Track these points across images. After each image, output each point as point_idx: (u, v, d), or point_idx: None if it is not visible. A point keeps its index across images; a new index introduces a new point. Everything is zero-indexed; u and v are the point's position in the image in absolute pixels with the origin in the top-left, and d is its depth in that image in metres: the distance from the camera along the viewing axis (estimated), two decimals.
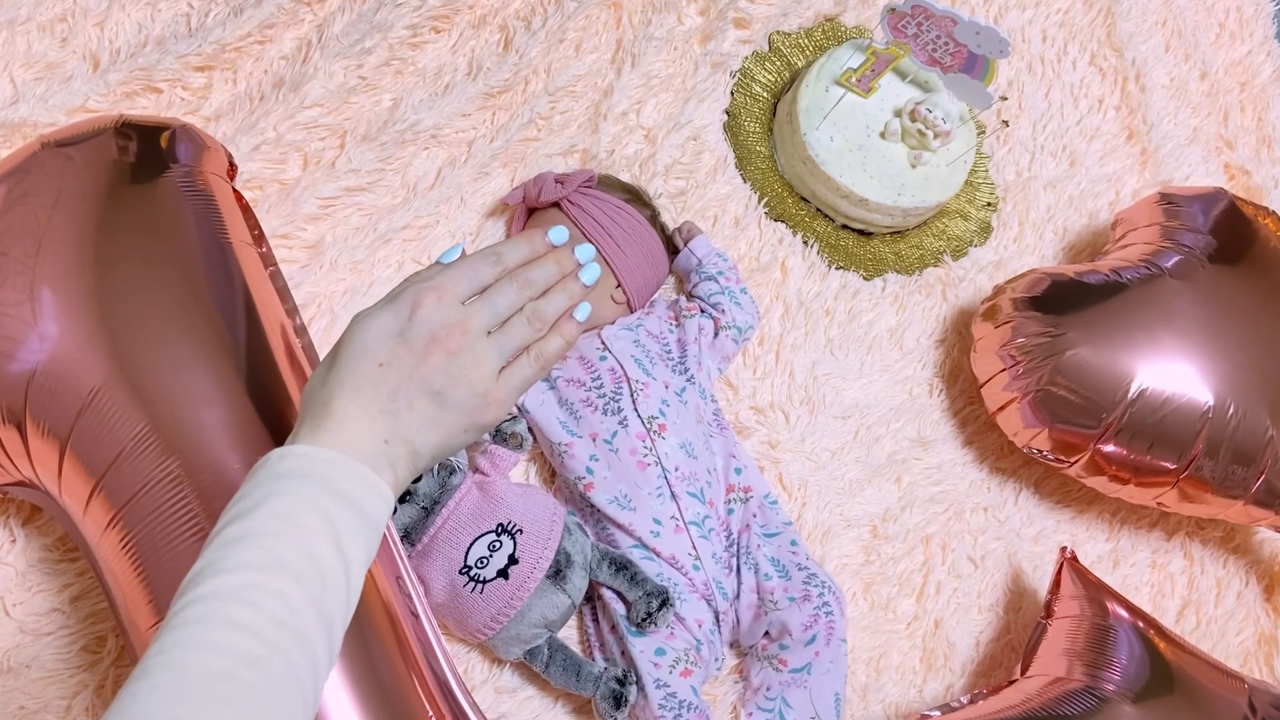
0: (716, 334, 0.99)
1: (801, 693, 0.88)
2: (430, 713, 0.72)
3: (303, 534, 0.50)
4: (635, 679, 0.84)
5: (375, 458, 0.55)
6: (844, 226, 1.14)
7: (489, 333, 0.59)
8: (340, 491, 0.52)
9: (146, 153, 0.78)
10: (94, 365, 0.70)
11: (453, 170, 1.02)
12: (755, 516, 0.94)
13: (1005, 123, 1.21)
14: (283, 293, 0.81)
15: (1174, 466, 0.97)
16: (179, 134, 0.80)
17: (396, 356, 0.56)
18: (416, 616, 0.76)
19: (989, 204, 1.21)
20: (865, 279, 1.12)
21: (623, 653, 0.85)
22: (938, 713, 0.87)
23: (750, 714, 0.89)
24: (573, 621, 0.91)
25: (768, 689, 0.89)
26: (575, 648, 0.90)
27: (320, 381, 0.57)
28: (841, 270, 1.12)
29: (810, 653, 0.88)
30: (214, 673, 0.45)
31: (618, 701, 0.84)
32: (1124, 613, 0.92)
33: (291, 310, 0.80)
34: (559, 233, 0.65)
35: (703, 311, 1.00)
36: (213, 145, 0.82)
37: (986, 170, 1.22)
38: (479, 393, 0.58)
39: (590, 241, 0.93)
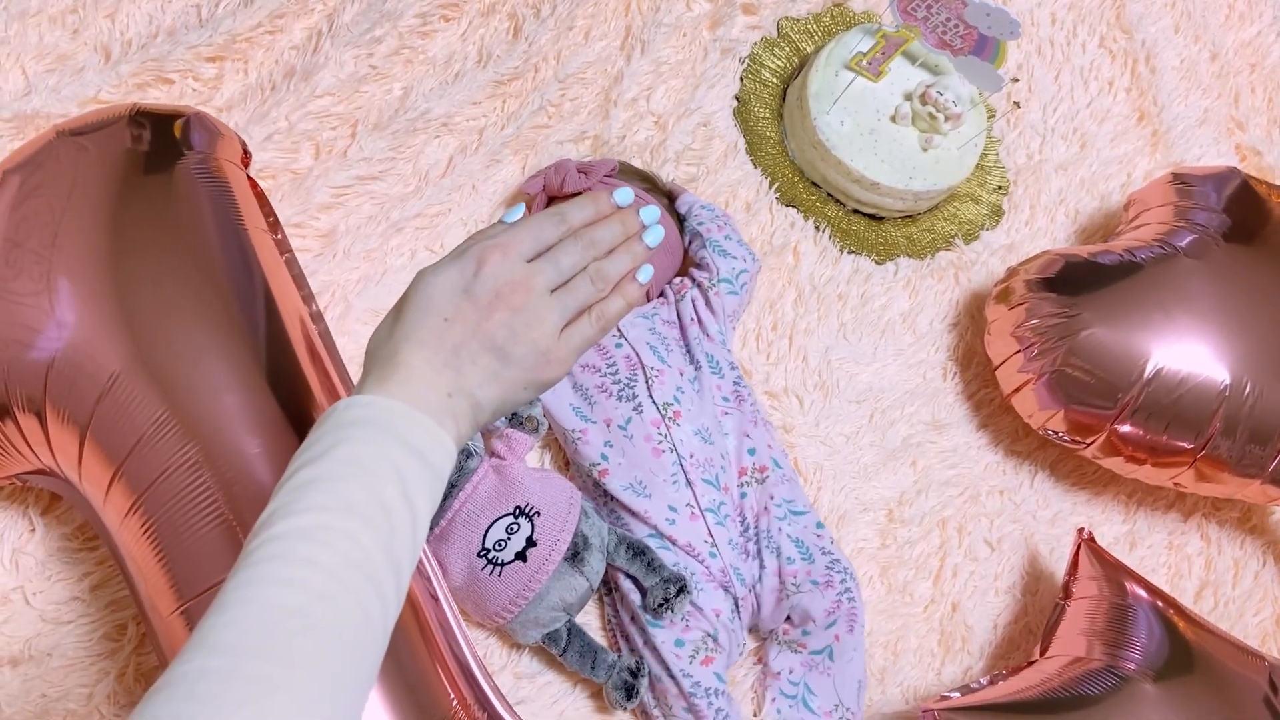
0: (708, 299, 0.99)
1: (825, 679, 0.88)
2: (453, 696, 0.72)
3: (371, 479, 0.51)
4: (649, 670, 0.84)
5: (439, 410, 0.55)
6: (855, 211, 1.14)
7: (552, 291, 0.59)
8: (406, 440, 0.53)
9: (160, 141, 0.78)
10: (113, 352, 0.70)
11: (464, 158, 1.02)
12: (773, 498, 0.93)
13: (1016, 104, 1.21)
14: (299, 279, 0.81)
15: (1191, 446, 0.97)
16: (193, 121, 0.80)
17: (461, 311, 0.57)
18: (436, 600, 0.76)
19: (1000, 187, 1.20)
20: (877, 263, 1.12)
21: (645, 643, 0.85)
22: (957, 694, 0.87)
23: (774, 699, 0.89)
24: (593, 608, 0.91)
25: (790, 672, 0.89)
26: (596, 634, 0.90)
27: (386, 335, 0.58)
28: (853, 255, 1.12)
29: (831, 635, 0.88)
30: (289, 608, 0.45)
31: (629, 692, 0.85)
32: (1143, 592, 0.92)
33: (308, 297, 0.80)
34: (624, 194, 0.64)
35: (694, 283, 1.00)
36: (226, 132, 0.82)
37: (997, 153, 1.22)
38: (540, 350, 0.58)
39: None
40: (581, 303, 0.61)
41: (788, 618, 0.90)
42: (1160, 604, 0.91)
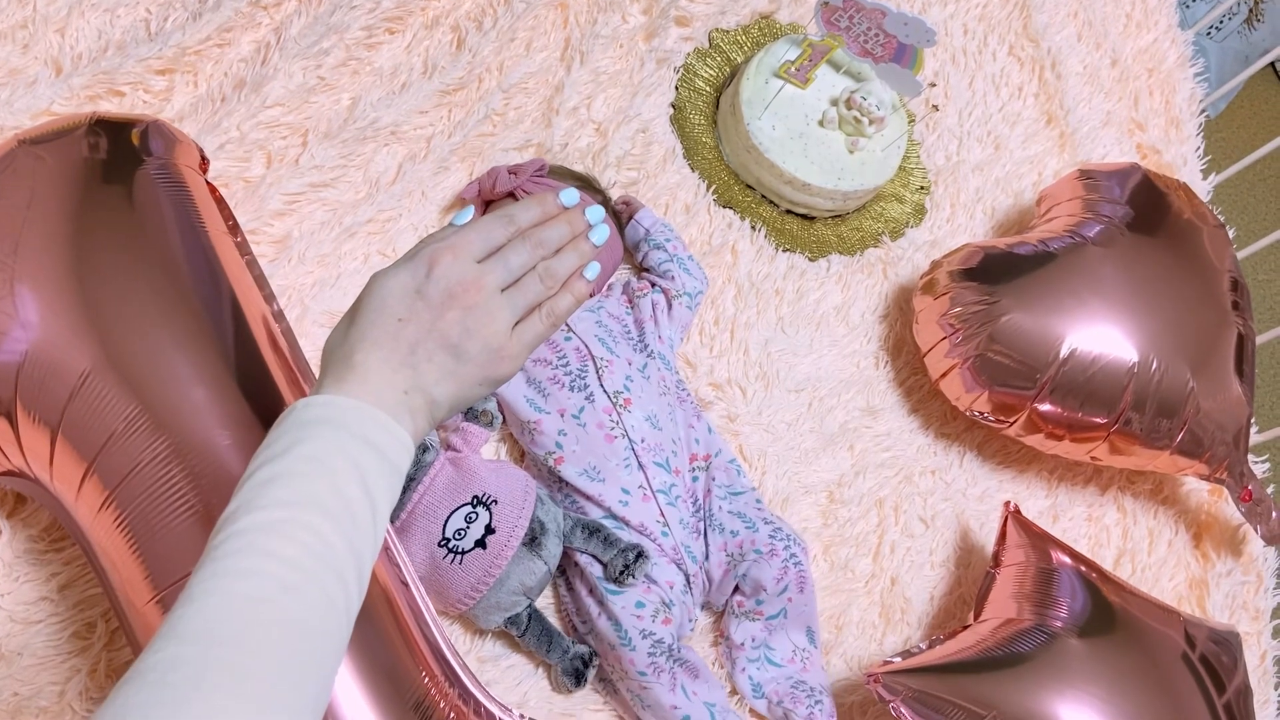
0: (670, 306, 1.04)
1: (779, 635, 0.94)
2: (425, 674, 0.74)
3: (332, 475, 0.52)
4: (611, 643, 0.88)
5: (396, 408, 0.57)
6: (788, 212, 1.20)
7: (503, 290, 0.61)
8: (364, 437, 0.54)
9: (119, 148, 0.80)
10: (81, 353, 0.71)
11: (413, 165, 1.06)
12: (715, 479, 0.98)
13: (935, 107, 1.28)
14: (260, 280, 0.83)
15: (1105, 421, 1.04)
16: (151, 130, 0.82)
17: (415, 312, 0.58)
18: (406, 585, 0.79)
19: (922, 188, 1.27)
20: (810, 260, 1.18)
21: (602, 613, 0.89)
22: (898, 659, 0.93)
23: (742, 669, 0.94)
24: (548, 594, 0.95)
25: (752, 640, 0.94)
26: (553, 618, 0.93)
27: (341, 337, 0.59)
28: (788, 252, 1.17)
29: (784, 599, 0.93)
30: (255, 597, 0.47)
31: (578, 678, 0.89)
32: (1066, 558, 0.99)
33: (269, 297, 0.83)
34: (570, 195, 0.66)
35: (654, 286, 1.05)
36: (184, 139, 0.84)
37: (918, 156, 1.29)
38: (493, 347, 0.60)
39: None
40: (531, 300, 0.63)
41: (739, 589, 0.95)
42: (1083, 568, 0.98)
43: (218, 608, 0.47)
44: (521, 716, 0.78)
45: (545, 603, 0.94)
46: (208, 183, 0.84)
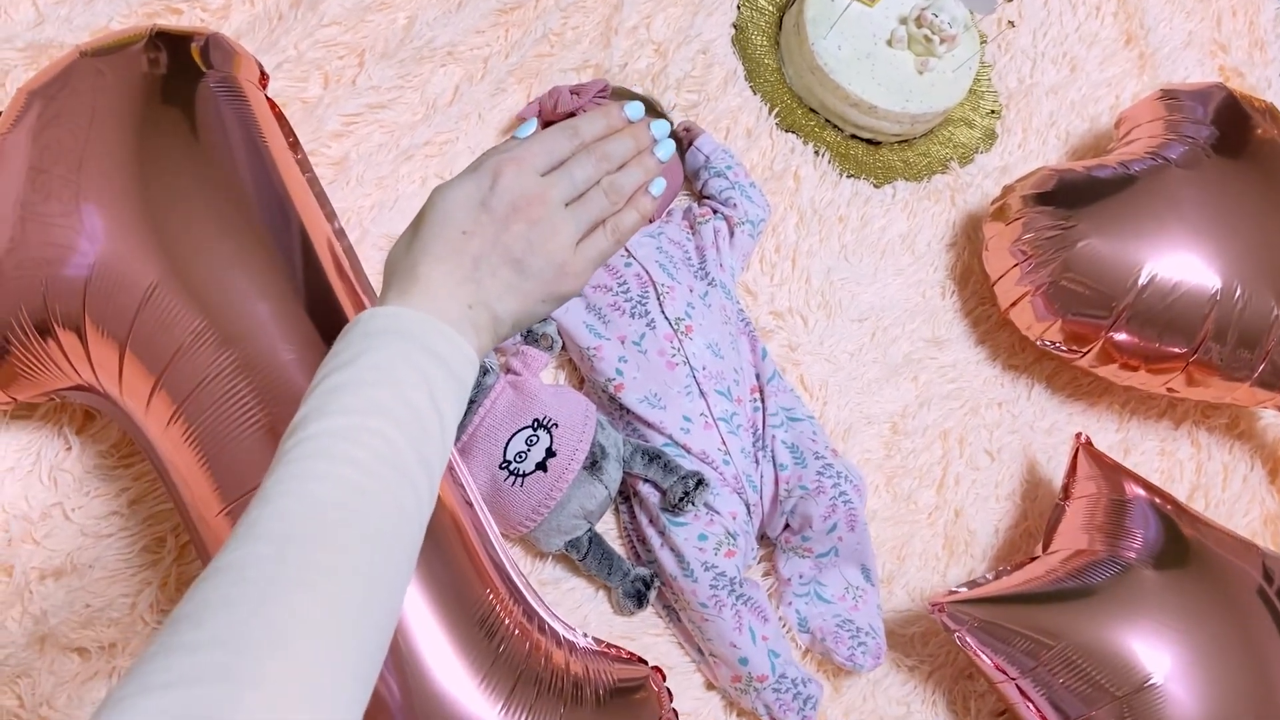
0: (732, 233, 1.02)
1: (832, 572, 0.92)
2: (489, 591, 0.74)
3: (399, 384, 0.51)
4: (673, 574, 0.88)
5: (460, 321, 0.56)
6: (853, 136, 1.16)
7: (567, 205, 0.59)
8: (430, 348, 0.53)
9: (179, 62, 0.79)
10: (148, 266, 0.71)
11: (470, 87, 1.04)
12: (774, 399, 0.96)
13: (1011, 23, 1.23)
14: (320, 198, 0.82)
15: (1183, 351, 1.00)
16: (211, 43, 0.81)
17: (479, 224, 0.57)
18: (470, 505, 0.78)
19: (993, 111, 1.23)
20: (875, 186, 1.15)
21: (664, 544, 0.88)
22: (964, 589, 0.91)
23: (789, 603, 0.93)
24: (610, 519, 0.94)
25: (800, 576, 0.93)
26: (614, 544, 0.93)
27: (404, 250, 0.58)
28: (852, 178, 1.14)
29: (834, 538, 0.91)
30: (330, 499, 0.47)
31: (639, 600, 0.89)
32: (1140, 490, 0.96)
33: (330, 215, 0.82)
34: (635, 108, 0.64)
35: (715, 213, 1.02)
36: (243, 53, 0.83)
37: (989, 79, 1.24)
38: (557, 263, 0.58)
39: None
40: (596, 215, 0.61)
41: (787, 524, 0.93)
42: (1158, 500, 0.95)
43: (293, 509, 0.46)
44: (585, 635, 0.78)
45: (607, 529, 0.93)
46: (268, 98, 0.83)
